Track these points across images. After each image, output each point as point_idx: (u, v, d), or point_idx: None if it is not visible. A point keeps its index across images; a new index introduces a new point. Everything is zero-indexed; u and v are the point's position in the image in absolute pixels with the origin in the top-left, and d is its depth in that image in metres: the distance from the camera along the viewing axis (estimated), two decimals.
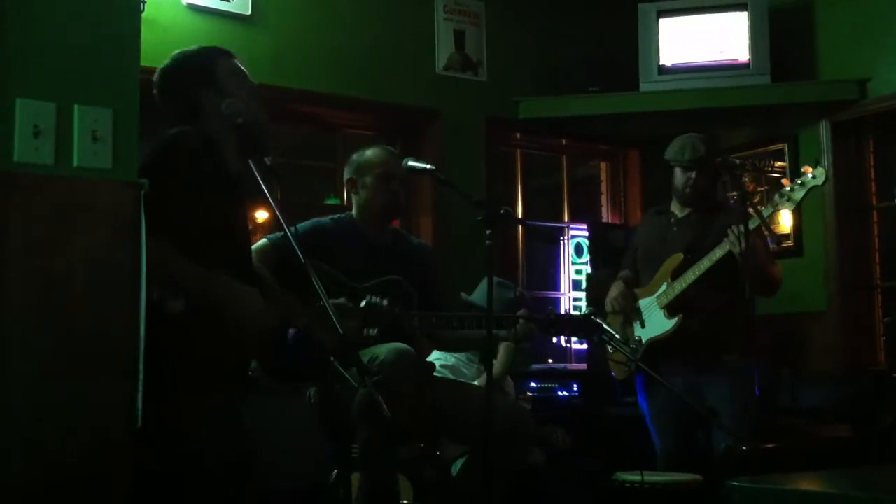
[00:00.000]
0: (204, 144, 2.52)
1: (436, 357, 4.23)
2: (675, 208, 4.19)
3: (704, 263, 3.91)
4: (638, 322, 4.13)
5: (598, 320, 3.40)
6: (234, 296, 2.41)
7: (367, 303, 2.98)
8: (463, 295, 4.17)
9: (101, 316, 2.11)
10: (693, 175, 4.06)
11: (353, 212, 3.58)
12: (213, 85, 2.62)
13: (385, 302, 3.04)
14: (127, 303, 2.12)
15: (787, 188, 3.84)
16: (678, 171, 4.11)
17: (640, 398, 4.19)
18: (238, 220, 2.62)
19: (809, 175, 3.81)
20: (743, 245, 3.67)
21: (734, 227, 3.73)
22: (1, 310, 2.02)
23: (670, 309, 4.01)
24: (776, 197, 3.88)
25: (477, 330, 3.34)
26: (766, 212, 3.90)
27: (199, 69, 2.62)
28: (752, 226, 3.77)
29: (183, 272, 2.33)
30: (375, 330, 3.10)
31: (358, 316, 2.98)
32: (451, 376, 4.19)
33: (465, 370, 4.28)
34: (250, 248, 2.74)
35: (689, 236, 4.07)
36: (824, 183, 3.84)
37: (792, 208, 3.91)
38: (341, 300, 2.97)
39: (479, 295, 4.02)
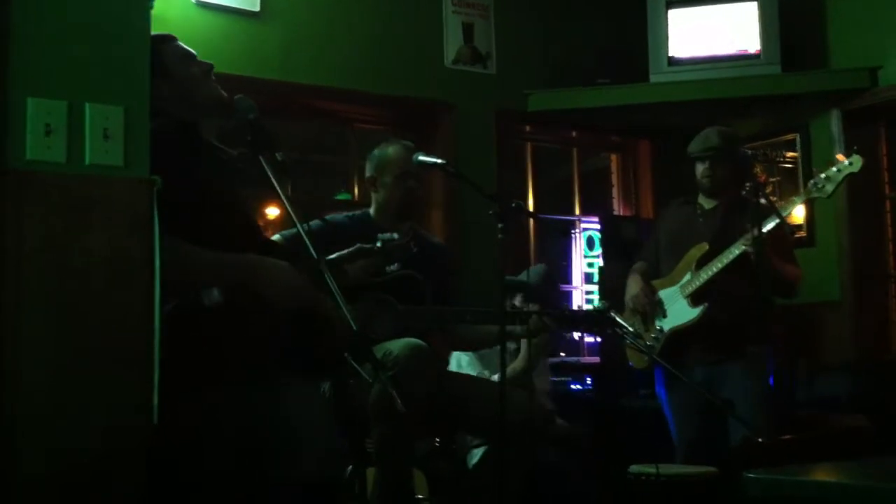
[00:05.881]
0: (180, 131, 2.50)
1: None
2: (703, 200, 4.21)
3: (724, 259, 3.91)
4: (660, 313, 4.13)
5: (613, 314, 3.39)
6: (265, 273, 2.39)
7: (382, 241, 2.97)
8: (507, 278, 4.25)
9: (116, 312, 2.12)
10: (707, 165, 4.09)
11: (371, 209, 3.58)
12: (162, 74, 2.52)
13: (396, 236, 3.04)
14: (142, 299, 2.13)
15: (822, 176, 3.82)
16: (697, 163, 4.15)
17: (658, 388, 4.19)
18: (235, 193, 2.60)
19: (846, 162, 3.77)
20: (754, 251, 3.67)
21: (751, 231, 3.70)
22: (17, 306, 2.03)
23: (695, 298, 4.01)
24: (809, 185, 3.86)
25: (490, 326, 3.34)
26: (799, 199, 3.93)
27: None
28: (771, 224, 3.76)
29: (209, 263, 2.33)
30: (396, 265, 3.10)
31: (377, 254, 2.97)
32: (478, 363, 4.19)
33: (493, 357, 4.26)
34: (254, 220, 2.73)
35: (714, 228, 4.07)
36: (861, 169, 3.78)
37: (826, 196, 3.86)
38: (358, 245, 2.96)
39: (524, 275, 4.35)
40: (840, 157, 3.82)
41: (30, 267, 2.05)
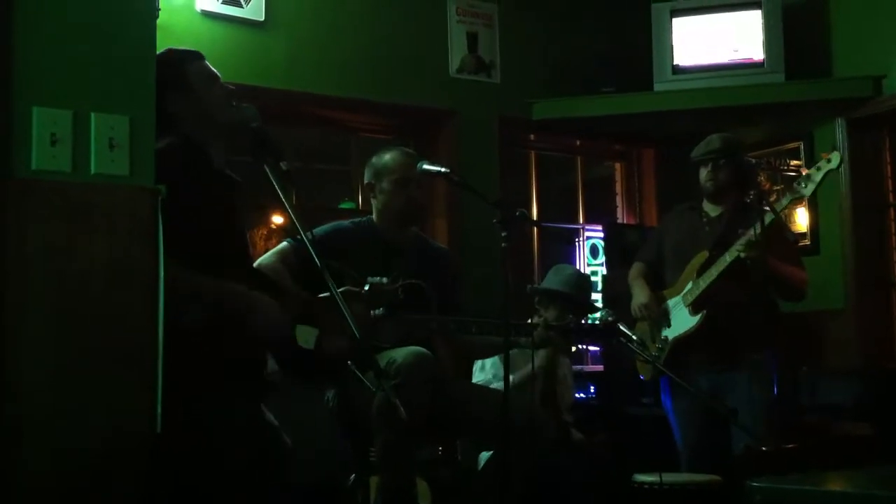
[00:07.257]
0: (190, 152, 2.52)
1: None
2: (708, 207, 4.21)
3: (719, 265, 3.92)
4: (665, 322, 4.13)
5: (618, 324, 3.39)
6: (248, 305, 2.42)
7: (370, 285, 3.00)
8: (529, 287, 4.26)
9: (119, 319, 2.13)
10: (709, 168, 4.10)
11: (373, 215, 3.59)
12: (186, 90, 2.57)
13: (385, 280, 3.07)
14: (145, 306, 2.14)
15: (804, 174, 3.88)
16: (700, 167, 4.17)
17: (663, 397, 4.19)
18: (235, 219, 2.62)
19: (825, 160, 3.82)
20: (748, 255, 3.69)
21: (748, 233, 3.72)
22: (21, 313, 2.04)
23: (695, 306, 4.01)
24: (794, 184, 3.90)
25: (495, 336, 3.34)
26: (785, 200, 3.95)
27: (170, 76, 2.51)
28: (766, 221, 3.77)
29: (197, 285, 2.35)
30: (381, 309, 3.13)
31: (364, 299, 2.99)
32: (501, 365, 4.19)
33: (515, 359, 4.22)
34: (248, 246, 2.75)
35: (716, 234, 4.08)
36: (839, 166, 3.83)
37: (810, 193, 3.89)
38: (345, 287, 2.98)
39: (549, 280, 4.35)
40: (823, 155, 3.87)
41: (32, 270, 2.05)
